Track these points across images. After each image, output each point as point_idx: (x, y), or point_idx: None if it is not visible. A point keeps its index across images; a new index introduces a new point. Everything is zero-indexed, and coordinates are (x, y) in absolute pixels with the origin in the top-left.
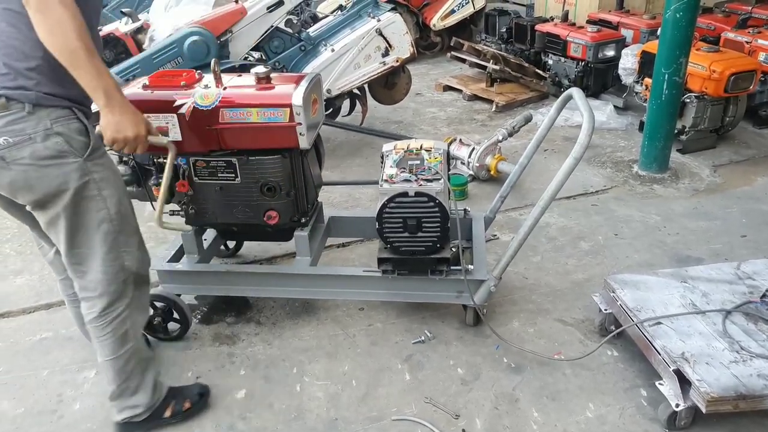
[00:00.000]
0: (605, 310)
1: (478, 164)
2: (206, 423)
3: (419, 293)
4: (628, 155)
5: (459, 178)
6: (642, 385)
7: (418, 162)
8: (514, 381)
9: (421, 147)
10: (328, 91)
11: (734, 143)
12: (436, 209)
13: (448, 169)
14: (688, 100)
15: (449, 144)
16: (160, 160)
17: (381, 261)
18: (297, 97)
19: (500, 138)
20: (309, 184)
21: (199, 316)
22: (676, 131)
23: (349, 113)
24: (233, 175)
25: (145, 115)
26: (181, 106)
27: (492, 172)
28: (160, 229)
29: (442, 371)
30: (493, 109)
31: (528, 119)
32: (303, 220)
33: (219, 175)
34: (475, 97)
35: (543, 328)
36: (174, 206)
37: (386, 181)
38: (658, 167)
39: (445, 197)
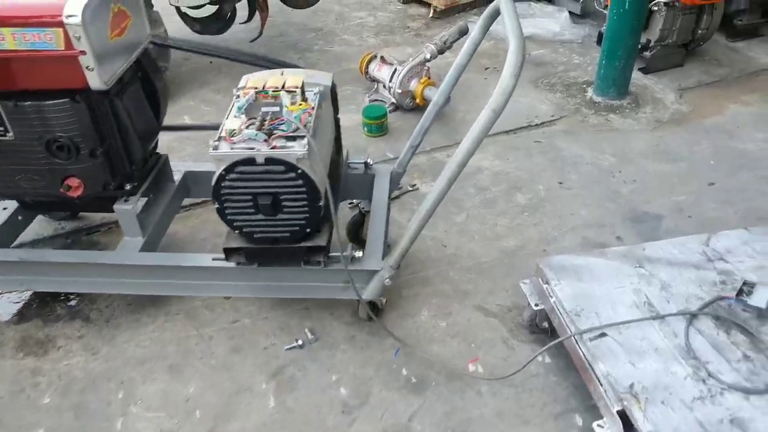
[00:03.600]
0: (536, 306)
1: (400, 90)
2: None
3: (292, 285)
4: (583, 75)
5: (376, 108)
6: (577, 409)
7: (276, 110)
8: (413, 405)
9: (282, 86)
10: None
11: (705, 60)
12: (300, 182)
13: (336, 112)
14: (655, 8)
15: (368, 62)
16: None
17: (229, 252)
18: (73, 6)
19: (428, 56)
20: (130, 137)
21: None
22: (639, 46)
23: (248, 20)
24: (1, 128)
25: None
26: None
27: (417, 100)
28: None
29: (320, 392)
30: (431, 14)
31: (463, 32)
32: (128, 187)
33: None
34: (411, 0)
35: (459, 321)
36: None
37: (224, 138)
38: (617, 92)
39: (316, 162)
